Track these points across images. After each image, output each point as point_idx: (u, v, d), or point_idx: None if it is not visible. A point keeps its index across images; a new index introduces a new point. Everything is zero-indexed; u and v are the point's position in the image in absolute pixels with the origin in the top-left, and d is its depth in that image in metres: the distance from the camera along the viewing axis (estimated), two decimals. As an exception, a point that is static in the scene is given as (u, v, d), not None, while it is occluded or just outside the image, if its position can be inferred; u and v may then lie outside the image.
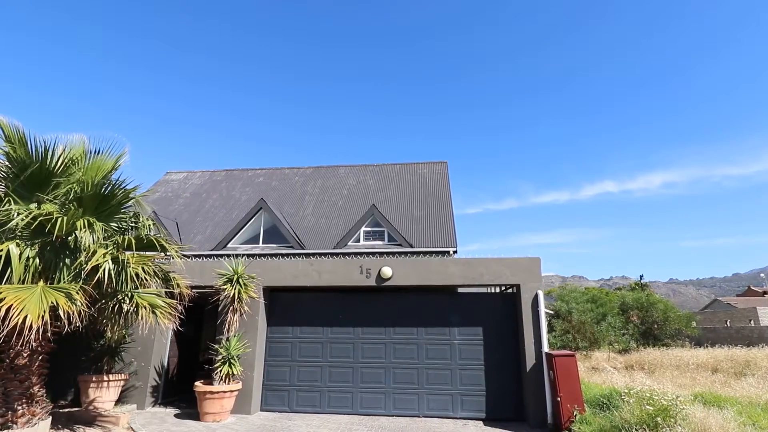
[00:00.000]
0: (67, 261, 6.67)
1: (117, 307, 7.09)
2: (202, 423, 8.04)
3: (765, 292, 52.11)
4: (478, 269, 9.21)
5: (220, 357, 8.45)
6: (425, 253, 14.22)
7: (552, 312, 21.74)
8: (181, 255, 8.06)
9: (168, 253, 7.66)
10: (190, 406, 9.03)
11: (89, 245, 6.64)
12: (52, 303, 5.76)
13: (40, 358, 6.91)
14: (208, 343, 9.26)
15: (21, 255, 6.11)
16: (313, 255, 14.42)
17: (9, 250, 5.96)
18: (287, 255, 14.49)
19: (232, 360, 8.44)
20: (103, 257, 6.41)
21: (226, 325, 8.80)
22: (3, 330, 5.45)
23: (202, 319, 11.65)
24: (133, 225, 7.96)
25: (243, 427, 7.84)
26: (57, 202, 6.86)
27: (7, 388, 6.56)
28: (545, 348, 8.47)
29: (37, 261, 6.36)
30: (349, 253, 14.49)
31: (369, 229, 15.72)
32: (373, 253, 14.23)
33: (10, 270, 5.95)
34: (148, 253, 7.52)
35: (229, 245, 15.58)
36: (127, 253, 6.90)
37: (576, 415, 7.30)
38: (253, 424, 8.08)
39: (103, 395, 8.64)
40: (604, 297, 28.48)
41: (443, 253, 14.21)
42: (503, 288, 10.15)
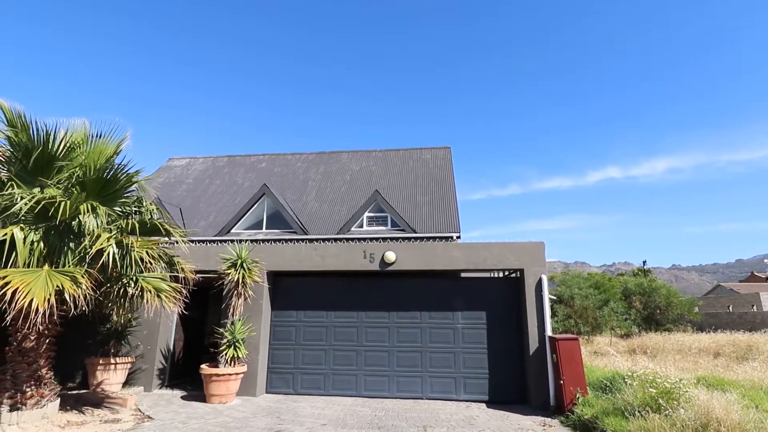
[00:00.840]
0: (71, 245, 6.69)
1: (122, 290, 7.14)
2: (209, 405, 8.15)
3: (768, 278, 52.02)
4: (482, 254, 9.19)
5: (225, 340, 8.52)
6: (428, 238, 14.21)
7: (554, 297, 21.82)
8: (186, 240, 8.09)
9: (172, 237, 7.67)
10: (196, 389, 9.14)
11: (93, 229, 6.65)
12: (58, 287, 5.79)
13: (48, 341, 6.98)
14: (213, 326, 9.33)
15: (25, 239, 6.13)
16: (316, 240, 14.43)
17: (13, 234, 5.98)
18: (290, 240, 14.50)
19: (237, 343, 8.51)
20: (107, 241, 6.43)
21: (231, 309, 8.86)
22: (9, 313, 5.50)
23: (207, 304, 11.73)
24: (136, 210, 7.96)
25: (249, 408, 7.95)
26: (60, 186, 6.86)
27: (15, 371, 6.65)
28: (548, 332, 8.50)
29: (41, 245, 6.38)
30: (352, 239, 14.49)
31: (372, 214, 15.68)
32: (376, 239, 14.23)
33: (15, 254, 5.98)
34: (152, 237, 7.54)
35: (232, 231, 15.61)
36: (131, 237, 6.92)
37: (579, 397, 7.36)
38: (258, 405, 8.19)
39: (111, 377, 8.76)
40: (607, 283, 28.52)
41: (446, 238, 14.19)
42: (506, 273, 10.15)
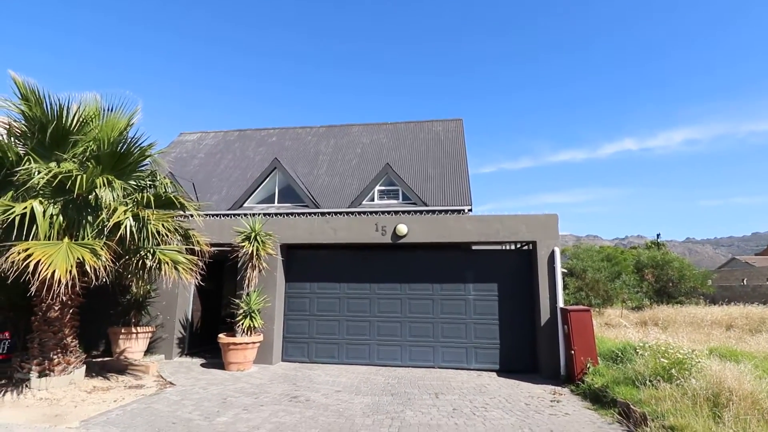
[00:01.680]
0: (89, 218, 6.81)
1: (140, 262, 7.30)
2: (227, 372, 8.44)
3: (785, 251, 51.19)
4: (495, 226, 9.16)
5: (241, 311, 8.73)
6: (440, 211, 14.18)
7: (566, 270, 21.78)
8: (200, 214, 8.19)
9: (187, 210, 7.77)
10: (214, 357, 9.45)
11: (110, 203, 6.76)
12: (78, 258, 5.94)
13: (71, 311, 7.22)
14: (229, 298, 9.55)
15: (45, 212, 6.26)
16: (327, 214, 14.49)
17: (33, 208, 6.10)
18: (302, 214, 14.59)
19: (252, 314, 8.72)
20: (124, 214, 6.53)
21: (246, 281, 9.03)
22: (33, 284, 5.68)
23: (222, 276, 11.97)
24: (151, 183, 8.04)
25: (266, 375, 8.20)
26: (75, 160, 6.93)
27: (42, 339, 6.93)
28: (560, 303, 8.53)
29: (60, 218, 6.51)
30: (363, 212, 14.53)
31: (383, 187, 15.64)
32: (387, 212, 14.24)
33: (35, 227, 6.11)
34: (167, 211, 7.64)
35: (245, 205, 15.74)
36: (147, 210, 7.01)
37: (589, 367, 7.43)
38: (275, 373, 8.45)
39: (133, 346, 9.08)
40: (619, 256, 28.35)
41: (458, 211, 14.14)
42: (519, 245, 10.12)
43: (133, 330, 9.09)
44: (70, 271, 5.73)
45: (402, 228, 9.24)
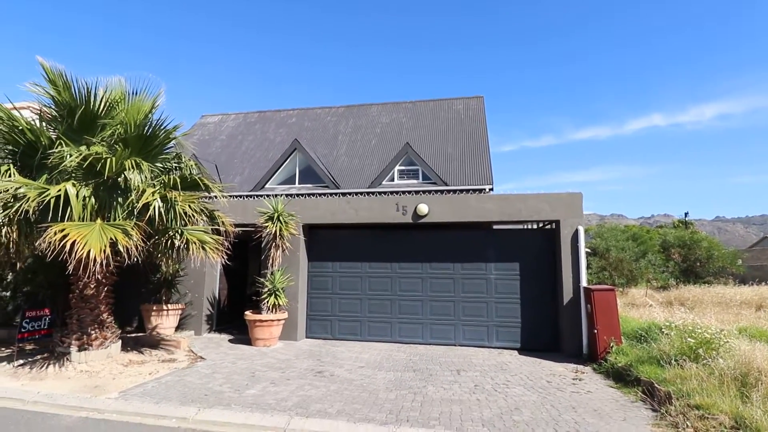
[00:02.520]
0: (119, 200, 7.04)
1: (169, 242, 7.53)
2: (254, 347, 8.73)
3: (823, 230, 49.00)
4: (517, 205, 9.06)
5: (266, 289, 8.96)
6: (460, 191, 14.07)
7: (588, 250, 21.44)
8: (225, 195, 8.36)
9: (212, 192, 7.94)
10: (241, 333, 9.77)
11: (138, 184, 6.94)
12: (111, 238, 6.17)
13: (106, 288, 7.54)
14: (254, 276, 9.80)
15: (78, 194, 6.48)
16: (348, 194, 14.56)
17: (66, 190, 6.32)
18: (323, 195, 14.70)
19: (277, 292, 8.94)
20: (152, 196, 6.72)
21: (270, 260, 9.24)
22: (71, 263, 5.94)
23: (247, 255, 12.26)
24: (176, 165, 8.22)
25: (291, 351, 8.46)
26: (104, 143, 7.12)
27: (80, 315, 7.28)
28: (583, 283, 8.45)
29: (92, 200, 6.74)
30: (383, 192, 14.54)
31: (403, 167, 15.57)
32: (407, 192, 14.21)
33: (69, 209, 6.34)
34: (193, 192, 7.81)
35: (266, 186, 15.94)
36: (173, 192, 7.19)
37: (612, 346, 7.39)
38: (300, 349, 8.70)
39: (164, 322, 9.46)
40: (645, 235, 27.73)
41: (479, 190, 14.01)
42: (541, 224, 10.00)
43: (164, 307, 9.45)
44: (104, 251, 5.96)
45: (423, 208, 9.23)
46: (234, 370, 7.03)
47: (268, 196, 10.67)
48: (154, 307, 9.42)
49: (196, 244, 7.51)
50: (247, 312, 9.10)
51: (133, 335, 9.15)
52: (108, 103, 7.31)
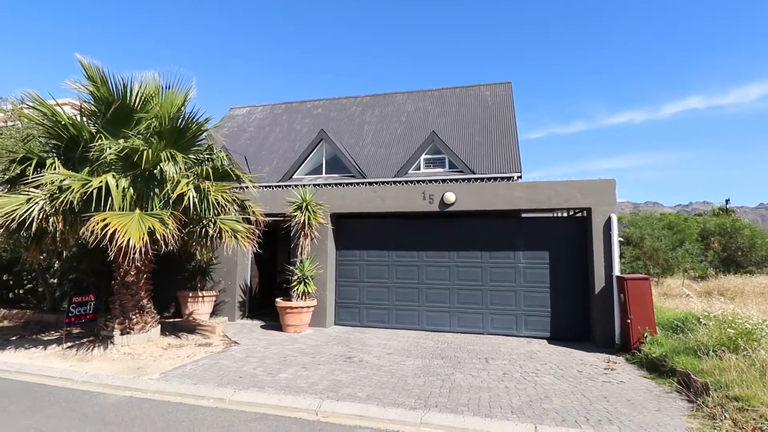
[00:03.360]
0: (155, 190, 7.31)
1: (203, 231, 7.80)
2: (285, 333, 8.97)
3: None
4: (546, 193, 8.88)
5: (295, 277, 9.16)
6: (488, 179, 13.89)
7: (622, 239, 20.81)
8: (255, 185, 8.56)
9: (242, 182, 8.15)
10: (272, 319, 10.05)
11: (173, 175, 7.21)
12: (149, 227, 6.44)
13: (145, 275, 7.89)
14: (283, 265, 10.03)
15: (117, 185, 6.78)
16: (374, 184, 14.61)
17: (107, 182, 6.62)
18: (350, 184, 14.80)
19: (306, 280, 9.13)
20: (186, 186, 6.95)
21: (299, 249, 9.43)
22: (112, 251, 6.25)
23: (276, 244, 12.54)
24: (208, 157, 8.46)
25: (321, 337, 8.65)
26: (140, 136, 7.39)
27: (122, 301, 7.65)
28: (616, 272, 8.24)
29: (131, 191, 7.04)
30: (410, 181, 14.51)
31: (429, 156, 15.48)
32: (434, 181, 14.14)
33: (110, 200, 6.65)
34: (224, 183, 8.04)
35: (294, 176, 16.18)
36: (206, 182, 7.42)
37: (646, 336, 7.21)
38: (329, 335, 8.88)
39: (200, 308, 9.84)
40: (682, 223, 26.65)
41: (507, 178, 13.79)
42: (571, 212, 9.78)
43: (199, 294, 9.82)
44: (143, 239, 6.24)
45: (450, 196, 9.18)
46: (266, 354, 7.25)
47: (296, 186, 10.83)
48: (190, 294, 9.80)
49: (228, 232, 7.75)
50: (277, 299, 9.35)
51: (170, 320, 9.55)
52: (143, 98, 7.58)
